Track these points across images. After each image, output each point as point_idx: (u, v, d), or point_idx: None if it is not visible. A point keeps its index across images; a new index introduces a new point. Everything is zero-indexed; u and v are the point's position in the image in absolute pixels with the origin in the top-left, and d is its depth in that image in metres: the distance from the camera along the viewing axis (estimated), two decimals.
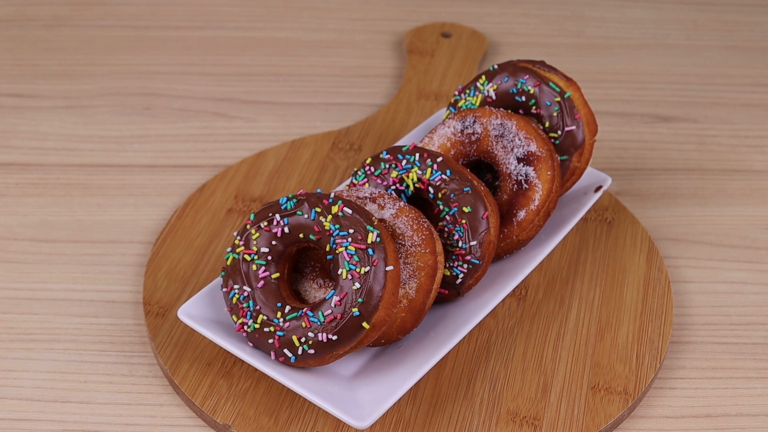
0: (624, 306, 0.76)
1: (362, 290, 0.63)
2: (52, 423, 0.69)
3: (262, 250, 0.66)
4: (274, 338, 0.65)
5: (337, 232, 0.64)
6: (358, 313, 0.62)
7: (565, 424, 0.68)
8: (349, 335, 0.63)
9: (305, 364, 0.65)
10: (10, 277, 0.79)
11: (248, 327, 0.66)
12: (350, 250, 0.63)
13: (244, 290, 0.66)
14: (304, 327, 0.64)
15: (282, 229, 0.66)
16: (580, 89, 0.75)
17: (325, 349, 0.63)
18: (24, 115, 0.96)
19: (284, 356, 0.65)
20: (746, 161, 0.93)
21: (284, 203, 0.66)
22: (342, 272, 0.63)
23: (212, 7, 1.12)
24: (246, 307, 0.66)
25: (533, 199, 0.72)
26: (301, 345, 0.64)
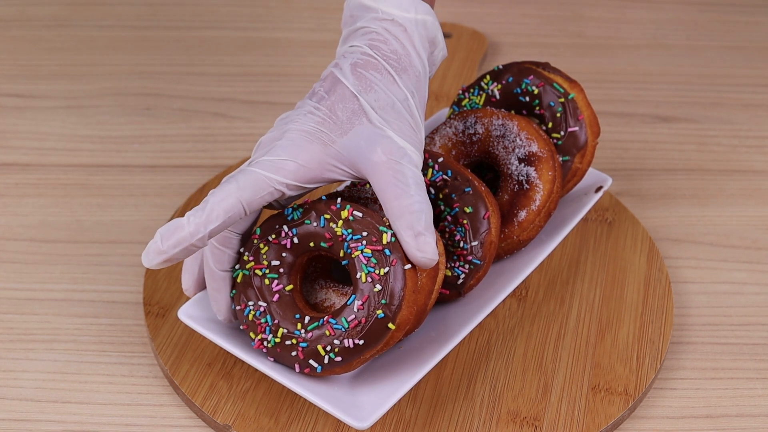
0: (624, 306, 0.76)
1: (384, 291, 0.62)
2: (52, 423, 0.69)
3: (272, 264, 0.65)
4: (297, 350, 0.63)
5: (350, 236, 0.63)
6: (382, 315, 0.62)
7: (566, 425, 0.68)
8: (376, 338, 0.62)
9: (332, 372, 0.64)
10: (10, 277, 0.79)
11: (268, 342, 0.64)
12: (366, 253, 0.63)
13: (259, 306, 0.65)
14: (328, 335, 0.63)
15: (291, 240, 0.65)
16: (583, 91, 0.75)
17: (352, 354, 0.63)
18: (24, 115, 0.96)
19: (310, 367, 0.64)
20: (746, 161, 0.93)
21: (290, 214, 0.66)
22: (361, 276, 0.62)
23: (212, 7, 1.12)
24: (264, 323, 0.65)
25: (534, 200, 0.72)
26: (327, 354, 0.63)
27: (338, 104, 0.65)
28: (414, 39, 0.67)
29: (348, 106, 0.65)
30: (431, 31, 0.68)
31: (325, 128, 0.65)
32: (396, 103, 0.65)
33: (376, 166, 0.64)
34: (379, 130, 0.64)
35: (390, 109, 0.65)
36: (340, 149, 0.64)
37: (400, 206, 0.62)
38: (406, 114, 0.66)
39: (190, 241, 0.61)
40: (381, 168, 0.63)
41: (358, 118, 0.65)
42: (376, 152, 0.64)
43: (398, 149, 0.64)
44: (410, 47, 0.67)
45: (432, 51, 0.69)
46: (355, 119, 0.65)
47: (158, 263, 0.62)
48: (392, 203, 0.63)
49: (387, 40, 0.67)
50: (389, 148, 0.64)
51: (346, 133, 0.64)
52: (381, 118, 0.65)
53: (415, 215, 0.62)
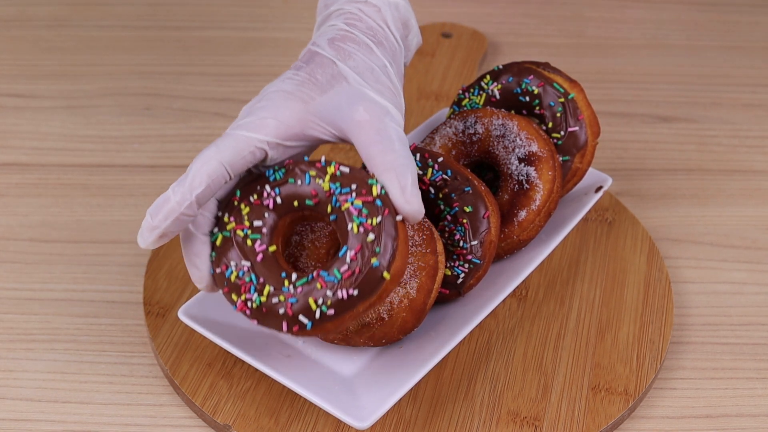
0: (624, 306, 0.76)
1: (378, 240, 0.60)
2: (52, 423, 0.69)
3: (255, 224, 0.63)
4: (285, 307, 0.61)
5: (339, 190, 0.62)
6: (377, 264, 0.60)
7: (566, 425, 0.68)
8: (370, 288, 0.60)
9: (322, 329, 0.61)
10: (10, 277, 0.79)
11: (253, 302, 0.62)
12: (357, 204, 0.61)
13: (242, 265, 0.62)
14: (320, 288, 0.60)
15: (274, 200, 0.63)
16: (583, 91, 0.75)
17: (346, 307, 0.60)
18: (24, 115, 0.96)
19: (299, 324, 0.61)
20: (746, 161, 0.93)
21: (271, 175, 0.64)
22: (352, 227, 0.61)
23: (212, 7, 1.12)
24: (248, 282, 0.62)
25: (534, 199, 0.72)
26: (319, 308, 0.60)
27: (317, 69, 0.65)
28: (387, 18, 0.68)
29: (327, 71, 0.65)
30: (404, 14, 0.69)
31: (305, 88, 0.65)
32: (375, 69, 0.66)
33: (359, 125, 0.63)
34: (360, 90, 0.64)
35: (369, 73, 0.66)
36: (320, 107, 0.64)
37: (385, 162, 0.62)
38: (385, 78, 0.66)
39: (179, 211, 0.61)
40: (364, 126, 0.63)
41: (338, 81, 0.65)
42: (358, 111, 0.64)
43: (380, 108, 0.64)
44: (384, 25, 0.68)
45: (406, 35, 0.70)
46: (334, 81, 0.65)
47: (153, 240, 0.61)
48: (377, 159, 0.62)
49: (362, 18, 0.68)
50: (371, 107, 0.64)
51: (327, 92, 0.64)
52: (361, 80, 0.65)
53: (400, 169, 0.62)
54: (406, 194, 0.62)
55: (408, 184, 0.62)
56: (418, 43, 0.72)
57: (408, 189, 0.62)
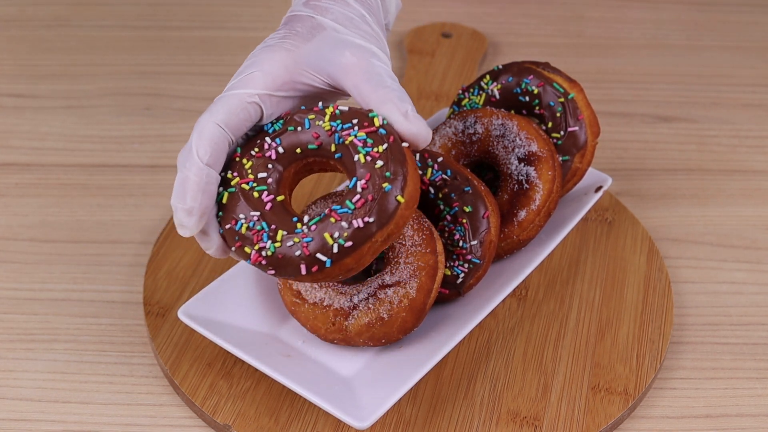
0: (624, 306, 0.76)
1: (387, 165, 0.60)
2: (52, 423, 0.69)
3: (259, 177, 0.62)
4: (301, 248, 0.59)
5: (340, 126, 0.61)
6: (389, 188, 0.59)
7: (566, 425, 0.68)
8: (386, 214, 0.59)
9: (342, 265, 0.60)
10: (10, 277, 0.79)
11: (267, 251, 0.60)
12: (361, 136, 0.60)
13: (251, 216, 0.61)
14: (334, 222, 0.59)
15: (276, 150, 0.63)
16: (583, 91, 0.75)
17: (363, 236, 0.59)
18: (24, 115, 0.96)
19: (317, 263, 0.59)
20: (746, 161, 0.93)
21: (270, 127, 0.64)
22: (359, 158, 0.60)
23: (212, 7, 1.12)
24: (260, 230, 0.61)
25: (534, 199, 0.72)
26: (336, 241, 0.59)
27: (296, 24, 0.66)
28: None
29: (306, 23, 0.65)
30: None
31: (288, 40, 0.65)
32: (353, 18, 0.66)
33: (347, 68, 0.63)
34: (342, 37, 0.64)
35: (348, 22, 0.66)
36: (305, 55, 0.64)
37: (380, 96, 0.62)
38: (365, 26, 0.66)
39: (202, 181, 0.60)
40: (352, 68, 0.63)
41: (319, 31, 0.65)
42: (345, 55, 0.64)
43: (365, 50, 0.64)
44: None
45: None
46: (315, 31, 0.65)
47: (195, 222, 0.61)
48: (371, 96, 0.62)
49: None
50: (356, 51, 0.64)
51: (310, 41, 0.64)
52: (341, 28, 0.65)
53: (397, 100, 0.62)
54: (409, 119, 0.62)
55: (408, 110, 0.62)
56: (398, 6, 0.71)
57: (410, 114, 0.62)
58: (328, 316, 0.67)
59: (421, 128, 0.62)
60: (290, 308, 0.69)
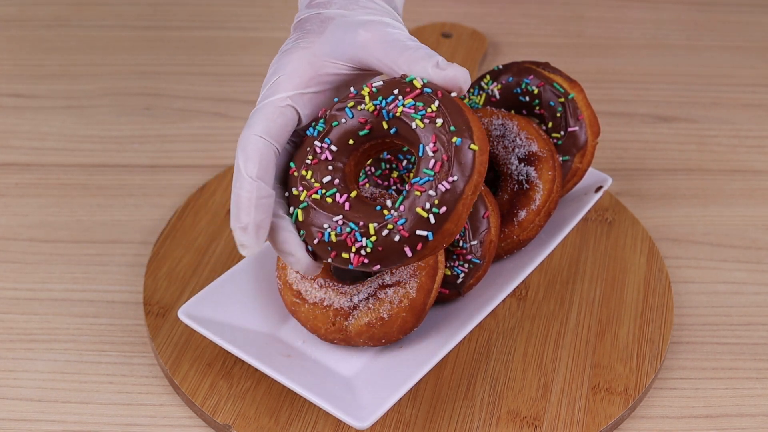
0: (624, 306, 0.76)
1: (447, 121, 0.59)
2: (52, 423, 0.69)
3: (325, 182, 0.62)
4: (399, 233, 0.58)
5: (383, 102, 0.61)
6: (460, 141, 0.58)
7: (566, 425, 0.68)
8: (467, 166, 0.58)
9: (444, 232, 0.59)
10: (10, 277, 0.79)
11: (366, 248, 0.59)
12: (409, 103, 0.60)
13: (335, 222, 0.60)
14: (419, 194, 0.58)
15: (329, 150, 0.62)
16: (583, 91, 0.75)
17: (454, 197, 0.58)
18: (24, 115, 0.96)
19: (420, 240, 0.59)
20: (746, 161, 0.93)
21: (312, 132, 0.63)
22: (416, 124, 0.59)
23: (212, 7, 1.12)
24: (350, 232, 0.60)
25: (534, 199, 0.72)
26: (430, 213, 0.58)
27: (305, 24, 0.66)
28: None
29: (314, 20, 0.66)
30: None
31: (301, 40, 0.65)
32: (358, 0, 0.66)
33: (366, 44, 0.63)
34: (351, 19, 0.65)
35: (353, 5, 0.66)
36: (322, 46, 0.64)
37: (407, 57, 0.62)
38: (371, 3, 0.66)
39: (254, 196, 0.60)
40: (370, 43, 0.63)
41: (328, 22, 0.65)
42: (359, 33, 0.63)
43: (377, 23, 0.64)
44: None
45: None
46: (324, 24, 0.65)
47: (254, 238, 0.60)
48: (399, 60, 0.62)
49: None
50: (369, 26, 0.64)
51: (322, 34, 0.65)
52: (347, 12, 0.65)
53: (424, 56, 0.62)
54: (443, 67, 0.61)
55: (439, 60, 0.62)
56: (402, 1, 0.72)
57: (441, 63, 0.61)
58: (328, 316, 0.67)
59: (458, 72, 0.61)
60: (290, 308, 0.69)
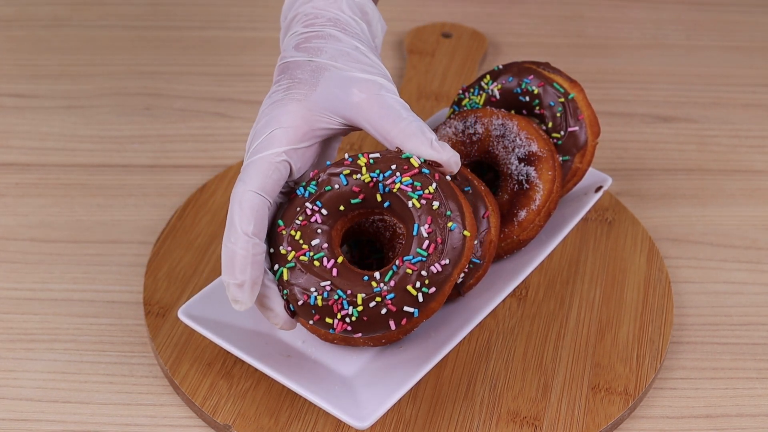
0: (624, 306, 0.76)
1: (443, 205, 0.60)
2: (52, 423, 0.69)
3: (313, 244, 0.62)
4: (386, 306, 0.60)
5: (381, 176, 0.62)
6: (455, 226, 0.60)
7: (566, 425, 0.68)
8: (458, 251, 0.60)
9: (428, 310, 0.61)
10: (10, 277, 0.79)
11: (351, 317, 0.61)
12: (407, 181, 0.61)
13: (323, 288, 0.61)
14: (411, 273, 0.60)
15: (320, 213, 0.63)
16: (583, 91, 0.75)
17: (443, 279, 0.60)
18: (24, 115, 0.96)
19: (406, 316, 0.60)
20: (746, 161, 0.93)
21: (303, 193, 0.64)
22: (412, 203, 0.61)
23: (212, 7, 1.12)
24: (338, 299, 0.61)
25: (534, 199, 0.72)
26: (419, 291, 0.60)
27: (296, 71, 0.66)
28: (343, 7, 0.69)
29: (305, 68, 0.66)
30: (359, 3, 0.70)
31: (294, 90, 0.65)
32: (349, 52, 0.66)
33: (359, 106, 0.64)
34: (345, 73, 0.65)
35: (345, 57, 0.66)
36: (317, 100, 0.64)
37: (402, 129, 0.63)
38: (363, 57, 0.66)
39: (249, 254, 0.61)
40: (364, 105, 0.64)
41: (320, 72, 0.65)
42: (353, 93, 0.64)
43: (372, 84, 0.65)
44: (342, 13, 0.68)
45: (369, 21, 0.70)
46: (317, 74, 0.65)
47: (249, 295, 0.61)
48: (392, 131, 0.63)
49: (318, 15, 0.68)
50: (363, 86, 0.64)
51: (315, 86, 0.65)
52: (340, 65, 0.65)
53: (419, 131, 0.63)
54: (436, 148, 0.63)
55: (433, 139, 0.63)
56: (384, 28, 0.72)
57: (434, 143, 0.63)
58: None
59: (451, 155, 0.63)
60: None
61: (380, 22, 0.72)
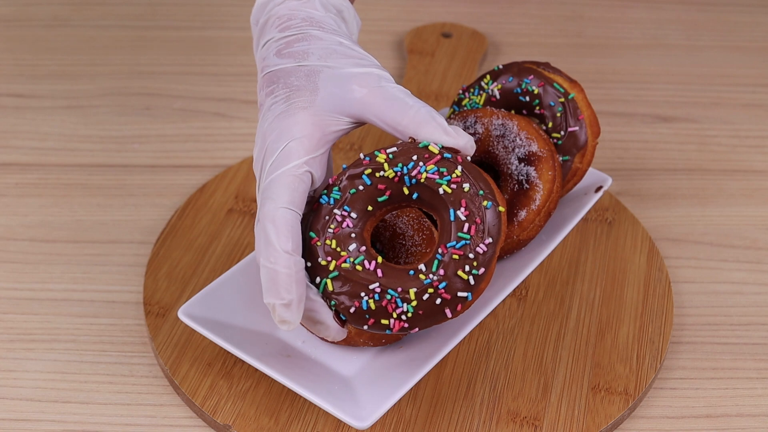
0: (624, 306, 0.76)
1: (474, 185, 0.60)
2: (52, 423, 0.69)
3: (351, 249, 0.62)
4: (440, 296, 0.59)
5: (404, 169, 0.61)
6: (490, 204, 0.60)
7: (566, 425, 0.68)
8: (498, 228, 0.60)
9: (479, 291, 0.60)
10: (10, 277, 0.79)
11: (406, 313, 0.60)
12: (432, 169, 0.61)
13: (373, 290, 0.61)
14: (458, 258, 0.59)
15: (349, 218, 0.62)
16: (584, 91, 0.75)
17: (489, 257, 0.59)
18: (24, 115, 0.96)
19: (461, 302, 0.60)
20: (746, 161, 0.93)
21: (327, 201, 0.63)
22: (443, 189, 0.60)
23: (212, 7, 1.12)
24: (391, 298, 0.60)
25: (534, 199, 0.72)
26: (469, 274, 0.59)
27: (288, 78, 0.65)
28: (316, 5, 0.68)
29: (299, 75, 0.65)
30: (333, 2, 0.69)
31: (295, 98, 0.64)
32: (335, 49, 0.65)
33: (363, 101, 0.63)
34: (339, 71, 0.64)
35: (333, 54, 0.65)
36: (321, 105, 0.63)
37: (413, 118, 0.62)
38: (351, 51, 0.66)
39: (293, 272, 0.59)
40: (368, 100, 0.63)
41: (315, 75, 0.64)
42: (353, 90, 0.63)
43: (369, 76, 0.64)
44: (316, 12, 0.67)
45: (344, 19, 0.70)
46: (312, 77, 0.64)
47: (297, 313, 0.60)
48: (402, 121, 0.63)
49: (292, 15, 0.67)
50: (362, 80, 0.64)
51: (316, 91, 0.64)
52: (333, 63, 0.65)
53: (428, 117, 0.62)
54: (451, 133, 0.62)
55: (444, 125, 0.63)
56: (359, 24, 0.71)
57: (448, 128, 0.63)
58: None
59: (466, 138, 0.63)
60: None
61: (355, 19, 0.71)
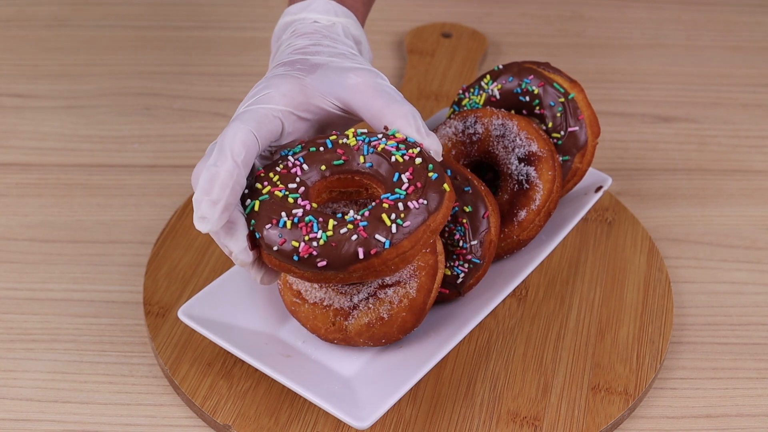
0: (624, 306, 0.76)
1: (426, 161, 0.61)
2: (52, 423, 0.69)
3: (290, 187, 0.62)
4: (357, 232, 0.58)
5: (367, 139, 0.63)
6: (436, 176, 0.60)
7: (566, 425, 0.68)
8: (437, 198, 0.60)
9: (399, 247, 0.59)
10: (10, 277, 0.79)
11: (318, 240, 0.59)
12: (392, 143, 0.62)
13: (294, 213, 0.60)
14: (388, 207, 0.59)
15: (300, 167, 0.63)
16: (584, 91, 0.75)
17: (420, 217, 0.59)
18: (24, 115, 0.96)
19: (375, 245, 0.58)
20: (746, 161, 0.93)
21: (287, 152, 0.64)
22: (395, 158, 0.61)
23: (212, 7, 1.12)
24: (309, 222, 0.59)
25: (534, 199, 0.72)
26: (393, 222, 0.58)
27: (295, 64, 0.67)
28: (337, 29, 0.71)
29: (305, 64, 0.67)
30: (353, 32, 0.72)
31: (293, 71, 0.66)
32: (345, 53, 0.69)
33: (355, 87, 0.65)
34: (342, 65, 0.67)
35: (342, 56, 0.68)
36: (313, 82, 0.66)
37: (393, 111, 0.64)
38: (358, 58, 0.69)
39: (231, 179, 0.60)
40: (359, 87, 0.65)
41: (318, 66, 0.67)
42: (350, 77, 0.66)
43: (368, 72, 0.66)
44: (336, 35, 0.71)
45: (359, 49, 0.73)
46: (316, 67, 0.67)
47: (218, 215, 0.59)
48: (384, 111, 0.64)
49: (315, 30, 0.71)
50: (360, 73, 0.66)
51: (314, 72, 0.66)
52: (338, 60, 0.67)
53: (409, 115, 0.64)
54: (422, 133, 0.64)
55: (421, 125, 0.64)
56: (370, 57, 0.75)
57: (422, 129, 0.64)
58: (328, 316, 0.67)
59: (436, 143, 0.64)
60: (290, 308, 0.69)
61: (368, 52, 0.75)
